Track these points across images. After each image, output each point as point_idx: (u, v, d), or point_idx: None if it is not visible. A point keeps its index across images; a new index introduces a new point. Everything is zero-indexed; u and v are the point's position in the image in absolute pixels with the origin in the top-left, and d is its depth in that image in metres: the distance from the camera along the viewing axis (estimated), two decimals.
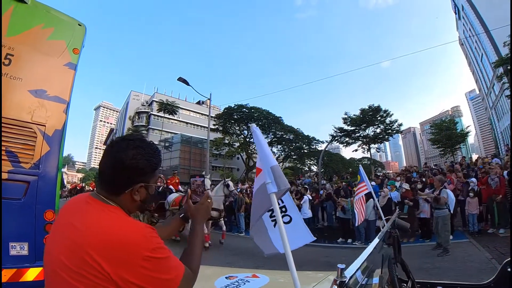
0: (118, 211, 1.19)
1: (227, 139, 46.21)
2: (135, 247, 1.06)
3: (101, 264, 1.01)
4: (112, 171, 1.21)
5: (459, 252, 7.85)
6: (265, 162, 1.85)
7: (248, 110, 42.87)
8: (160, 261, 1.10)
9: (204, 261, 1.42)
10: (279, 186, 1.72)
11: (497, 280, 2.05)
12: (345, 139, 39.91)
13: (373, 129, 38.43)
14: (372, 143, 39.27)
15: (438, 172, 13.65)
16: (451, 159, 34.86)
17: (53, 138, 4.08)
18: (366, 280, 1.76)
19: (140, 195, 1.26)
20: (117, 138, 1.30)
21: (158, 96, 59.26)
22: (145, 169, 1.24)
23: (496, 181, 9.51)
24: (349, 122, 38.61)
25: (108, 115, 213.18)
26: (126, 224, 1.13)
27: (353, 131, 39.06)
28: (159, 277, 1.09)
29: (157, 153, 1.31)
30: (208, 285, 2.26)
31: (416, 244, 9.50)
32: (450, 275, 6.20)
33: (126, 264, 1.04)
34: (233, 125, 44.40)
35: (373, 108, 37.16)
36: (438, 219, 8.00)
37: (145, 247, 1.07)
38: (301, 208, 11.55)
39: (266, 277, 2.31)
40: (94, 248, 1.03)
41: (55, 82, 4.25)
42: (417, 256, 7.96)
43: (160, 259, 1.10)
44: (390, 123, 37.79)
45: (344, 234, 10.98)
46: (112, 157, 1.22)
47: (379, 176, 16.80)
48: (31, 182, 3.74)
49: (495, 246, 7.89)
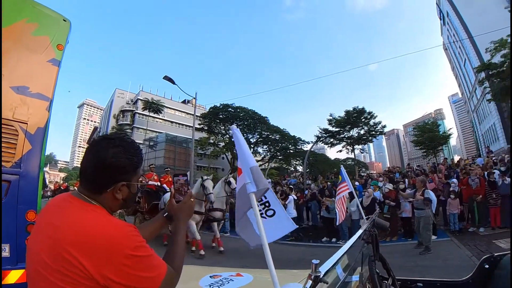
0: (100, 210, 1.19)
1: (212, 139, 45.97)
2: (116, 245, 1.06)
3: (82, 263, 1.01)
4: (94, 170, 1.21)
5: (440, 250, 8.04)
6: (245, 162, 1.90)
7: (234, 109, 42.71)
8: (142, 259, 1.10)
9: (188, 260, 1.42)
10: (258, 186, 1.75)
11: (475, 277, 2.13)
12: (330, 140, 40.38)
13: (357, 130, 38.96)
14: (356, 144, 39.86)
15: (421, 173, 13.91)
16: (434, 160, 35.53)
17: (35, 136, 3.98)
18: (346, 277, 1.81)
19: (122, 193, 1.26)
20: (99, 136, 1.31)
21: (143, 95, 58.74)
22: (126, 167, 1.25)
23: (476, 181, 9.81)
24: (334, 123, 39.05)
25: (92, 113, 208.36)
26: (108, 223, 1.13)
27: (338, 132, 39.52)
28: (141, 275, 1.09)
29: (138, 152, 1.31)
30: (192, 284, 2.27)
31: (398, 243, 9.69)
32: (432, 272, 6.35)
33: (108, 263, 1.04)
34: (219, 124, 44.14)
35: (358, 110, 37.61)
36: (420, 219, 8.17)
37: (127, 246, 1.08)
38: (286, 207, 11.59)
39: (250, 275, 2.33)
40: (75, 247, 1.03)
41: (38, 78, 4.15)
42: (400, 254, 8.12)
43: (142, 257, 1.11)
44: (374, 124, 38.39)
45: (328, 233, 11.13)
46: (93, 155, 1.22)
47: (363, 177, 17.07)
48: (12, 181, 3.63)
49: (475, 244, 8.14)
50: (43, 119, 4.12)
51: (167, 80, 20.60)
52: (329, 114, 39.36)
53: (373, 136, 39.68)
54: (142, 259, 1.11)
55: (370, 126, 38.38)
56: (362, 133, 38.94)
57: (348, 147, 40.14)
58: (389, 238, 9.89)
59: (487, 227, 9.52)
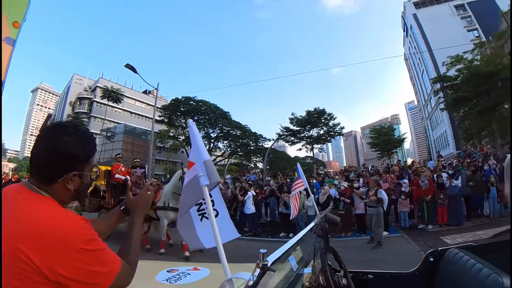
0: (51, 201, 1.15)
1: (172, 132, 45.06)
2: (66, 238, 1.03)
3: (30, 257, 0.97)
4: (45, 158, 1.16)
5: (392, 245, 8.47)
6: (199, 156, 1.93)
7: (196, 103, 42.00)
8: (94, 253, 1.08)
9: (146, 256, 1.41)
10: (210, 179, 1.80)
11: (421, 269, 2.32)
12: (291, 138, 40.80)
13: (317, 130, 39.59)
14: (315, 143, 40.51)
15: (375, 173, 14.47)
16: (388, 161, 37.00)
17: None
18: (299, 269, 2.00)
19: (74, 184, 1.22)
20: (50, 124, 1.26)
21: (103, 82, 56.46)
22: (79, 156, 1.21)
23: (426, 183, 10.50)
24: (295, 122, 39.49)
25: (46, 99, 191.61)
26: (58, 215, 1.10)
27: (298, 131, 39.99)
28: (94, 270, 1.07)
29: (91, 140, 1.28)
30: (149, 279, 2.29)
31: (352, 238, 10.10)
32: (383, 266, 6.65)
33: (57, 256, 1.00)
34: (179, 117, 43.17)
35: (318, 111, 38.22)
36: (372, 216, 8.57)
37: (78, 239, 1.05)
38: (245, 203, 11.69)
39: (207, 269, 2.37)
40: (24, 241, 0.99)
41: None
42: (354, 249, 8.52)
43: (94, 251, 1.08)
44: (333, 125, 39.15)
45: (286, 229, 11.30)
46: (45, 143, 1.17)
47: (321, 175, 17.47)
48: None
49: (424, 240, 8.70)
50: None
51: (129, 69, 20.01)
52: (291, 113, 39.75)
53: (331, 137, 40.51)
54: (94, 253, 1.08)
55: (329, 127, 39.14)
56: (321, 133, 39.64)
57: (307, 146, 40.71)
58: (344, 234, 10.32)
59: (435, 224, 10.28)
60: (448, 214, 10.14)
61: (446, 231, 9.43)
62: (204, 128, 43.99)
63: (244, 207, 11.83)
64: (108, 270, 1.12)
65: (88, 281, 1.06)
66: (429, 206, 10.35)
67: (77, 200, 1.40)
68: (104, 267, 1.10)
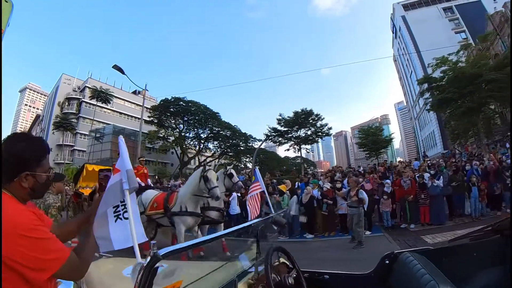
0: (7, 198, 1.33)
1: (161, 133, 45.10)
2: (12, 227, 1.20)
3: None
4: (3, 162, 1.34)
5: (373, 244, 8.57)
6: (123, 165, 2.23)
7: (186, 103, 42.13)
8: (36, 240, 1.23)
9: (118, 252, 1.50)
10: (130, 184, 2.09)
11: (377, 271, 2.35)
12: (279, 139, 41.09)
13: (304, 131, 40.00)
14: (303, 144, 40.88)
15: (359, 173, 14.61)
16: (376, 161, 37.34)
17: None
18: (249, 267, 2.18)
19: (28, 183, 1.41)
20: (11, 134, 1.48)
21: (92, 82, 55.60)
22: (29, 159, 1.41)
23: (408, 183, 10.60)
24: (283, 123, 39.80)
25: (34, 99, 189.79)
26: (8, 208, 1.25)
27: (286, 131, 40.34)
28: (36, 256, 1.21)
29: (41, 147, 1.49)
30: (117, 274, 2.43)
31: (335, 238, 10.18)
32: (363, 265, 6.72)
33: (6, 243, 1.16)
34: (169, 118, 43.40)
35: (306, 111, 38.60)
36: (353, 216, 8.64)
37: (21, 227, 1.22)
38: (230, 204, 11.72)
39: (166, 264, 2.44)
40: None
41: None
42: (336, 248, 8.68)
43: (37, 239, 1.24)
44: (320, 126, 39.64)
45: None
46: (3, 149, 1.36)
47: (307, 175, 17.60)
48: None
49: (405, 239, 8.82)
50: None
51: (117, 70, 19.91)
52: (279, 114, 40.10)
53: (319, 137, 41.04)
54: (36, 241, 1.23)
55: (317, 128, 39.59)
56: (309, 133, 40.08)
57: (295, 146, 41.06)
58: (328, 233, 10.43)
59: (417, 224, 10.38)
60: (430, 213, 10.25)
61: (428, 230, 9.54)
62: (194, 128, 44.08)
63: (229, 208, 11.85)
64: (51, 258, 1.26)
65: (32, 266, 1.21)
66: (411, 206, 10.47)
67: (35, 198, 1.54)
68: (46, 255, 1.24)
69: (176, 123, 43.95)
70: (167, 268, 1.24)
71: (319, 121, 39.28)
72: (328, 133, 41.16)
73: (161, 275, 1.19)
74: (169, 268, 1.27)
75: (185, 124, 44.18)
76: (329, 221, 10.59)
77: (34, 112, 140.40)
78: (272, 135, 40.92)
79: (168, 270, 1.23)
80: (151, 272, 1.13)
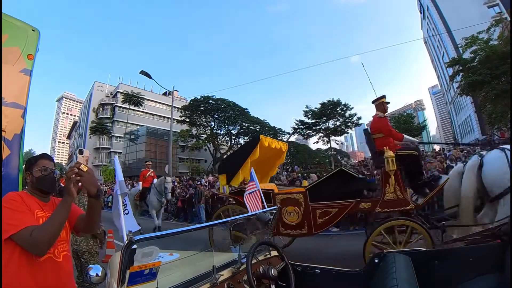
0: (23, 192, 2.03)
1: (194, 131, 46.10)
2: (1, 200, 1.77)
3: None
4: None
5: None
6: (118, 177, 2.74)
7: (215, 101, 42.71)
8: (5, 210, 1.71)
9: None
10: (122, 190, 2.54)
11: (366, 269, 2.41)
12: (307, 132, 41.00)
13: (333, 122, 39.61)
14: (333, 135, 40.55)
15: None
16: None
17: (13, 142, 4.32)
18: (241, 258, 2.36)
19: (29, 178, 2.02)
20: None
21: (123, 87, 57.55)
22: (25, 166, 2.13)
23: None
24: (310, 115, 39.62)
25: (71, 107, 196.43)
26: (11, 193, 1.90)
27: (314, 123, 40.16)
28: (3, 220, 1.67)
29: (30, 159, 2.10)
30: None
31: (361, 231, 10.10)
32: None
33: None
34: (200, 116, 44.22)
35: (333, 102, 38.23)
36: None
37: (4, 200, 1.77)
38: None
39: (177, 254, 2.79)
40: None
41: (11, 88, 4.44)
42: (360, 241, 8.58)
43: (6, 208, 1.72)
44: (349, 116, 39.13)
45: None
46: None
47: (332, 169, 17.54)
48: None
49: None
50: (19, 126, 4.45)
51: (144, 75, 20.66)
52: (306, 106, 40.10)
53: (349, 128, 40.55)
54: (4, 209, 1.71)
55: (346, 118, 39.09)
56: (338, 124, 39.65)
57: (324, 138, 40.84)
58: (353, 227, 10.37)
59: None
60: None
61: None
62: (224, 125, 44.59)
63: None
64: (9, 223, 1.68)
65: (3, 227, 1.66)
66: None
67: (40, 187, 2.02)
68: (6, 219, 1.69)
69: (207, 121, 44.71)
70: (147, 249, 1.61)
71: (347, 111, 38.87)
72: (358, 123, 40.45)
73: (140, 255, 1.53)
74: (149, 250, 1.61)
75: (216, 122, 44.82)
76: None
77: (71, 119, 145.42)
78: (300, 128, 40.90)
79: (148, 251, 1.59)
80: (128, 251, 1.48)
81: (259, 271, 2.18)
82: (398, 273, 1.92)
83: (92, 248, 4.13)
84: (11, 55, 4.60)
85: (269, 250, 2.69)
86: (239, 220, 2.51)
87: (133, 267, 1.52)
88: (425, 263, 2.19)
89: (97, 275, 1.84)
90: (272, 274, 2.16)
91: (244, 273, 2.20)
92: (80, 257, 4.04)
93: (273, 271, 2.18)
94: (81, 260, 4.04)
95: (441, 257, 2.27)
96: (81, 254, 4.05)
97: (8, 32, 4.62)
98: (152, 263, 1.60)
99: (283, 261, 2.50)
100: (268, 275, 2.15)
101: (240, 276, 2.25)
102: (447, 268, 2.18)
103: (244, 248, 2.48)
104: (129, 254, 1.49)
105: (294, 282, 2.31)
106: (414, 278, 1.91)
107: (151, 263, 1.59)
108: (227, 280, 2.17)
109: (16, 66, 4.62)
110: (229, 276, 2.23)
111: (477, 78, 22.14)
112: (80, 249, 4.04)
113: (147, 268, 1.59)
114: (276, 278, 2.20)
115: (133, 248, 1.49)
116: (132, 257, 1.51)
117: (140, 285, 1.59)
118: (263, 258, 2.56)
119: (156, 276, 1.67)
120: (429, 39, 58.65)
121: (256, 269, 2.20)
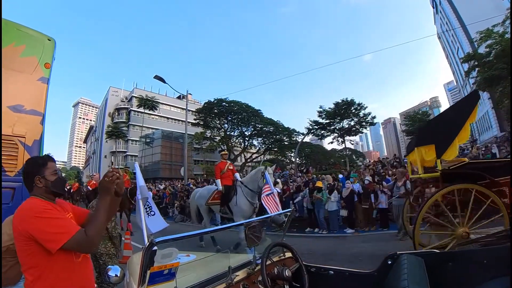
0: (32, 199, 1.90)
1: (208, 133, 46.38)
2: (28, 211, 1.77)
3: (18, 227, 1.72)
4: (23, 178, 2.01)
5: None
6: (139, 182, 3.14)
7: (228, 104, 42.90)
8: (45, 220, 1.73)
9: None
10: (142, 195, 2.81)
11: (379, 270, 2.41)
12: (321, 132, 40.75)
13: (347, 121, 39.28)
14: (347, 135, 40.26)
15: (399, 164, 14.23)
16: None
17: (33, 147, 4.50)
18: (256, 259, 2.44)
19: (42, 183, 1.94)
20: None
21: (138, 92, 58.04)
22: (33, 170, 1.96)
23: None
24: (324, 115, 39.38)
25: (87, 112, 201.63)
26: (29, 202, 1.86)
27: (328, 124, 39.87)
28: (47, 230, 1.70)
29: (36, 161, 2.05)
30: None
31: (376, 232, 10.07)
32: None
33: (24, 222, 1.72)
34: (214, 119, 44.55)
35: (346, 101, 37.92)
36: (398, 207, 8.51)
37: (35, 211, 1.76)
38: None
39: (194, 255, 2.87)
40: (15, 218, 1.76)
41: (30, 96, 4.63)
42: (374, 243, 8.50)
43: (45, 218, 1.73)
44: (363, 116, 38.73)
45: (312, 224, 11.42)
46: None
47: (346, 169, 17.46)
48: (16, 188, 4.14)
49: None
50: (38, 132, 4.65)
51: (158, 80, 20.93)
52: (319, 106, 39.87)
53: (363, 127, 40.21)
54: (45, 220, 1.73)
55: (360, 117, 38.73)
56: (352, 124, 39.35)
57: (338, 138, 40.57)
58: (368, 228, 10.29)
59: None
60: None
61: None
62: (238, 127, 44.74)
63: None
64: (59, 232, 1.72)
65: (46, 238, 1.69)
66: None
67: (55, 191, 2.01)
68: (55, 230, 1.72)
69: (221, 123, 44.99)
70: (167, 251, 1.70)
71: (361, 110, 38.43)
72: (372, 122, 40.12)
73: (160, 256, 1.61)
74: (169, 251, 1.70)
75: (230, 124, 44.98)
76: (370, 215, 10.51)
77: (87, 124, 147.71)
78: (314, 128, 40.74)
79: (167, 252, 1.67)
80: (149, 252, 1.56)
81: (273, 272, 2.25)
82: (410, 275, 1.92)
83: (109, 250, 4.24)
84: (29, 64, 4.79)
85: (284, 251, 2.76)
86: (254, 223, 2.56)
87: (153, 267, 1.62)
88: (438, 265, 2.18)
89: (116, 275, 1.98)
90: (286, 275, 2.23)
91: (259, 274, 2.27)
92: (98, 259, 4.14)
93: (287, 272, 2.25)
94: (99, 262, 4.15)
95: (454, 258, 2.22)
96: (99, 256, 4.15)
97: (25, 43, 4.80)
98: (171, 264, 1.70)
99: (297, 262, 2.57)
100: (282, 276, 2.22)
101: (255, 277, 2.33)
102: (460, 270, 2.13)
103: (259, 249, 2.54)
104: (149, 255, 1.58)
105: (308, 283, 2.38)
106: (425, 280, 1.92)
107: (170, 263, 1.69)
108: (242, 281, 2.25)
109: (34, 75, 4.82)
110: (244, 276, 2.30)
111: (494, 73, 21.71)
112: (98, 251, 4.14)
113: (167, 268, 1.69)
114: (290, 279, 2.27)
115: (153, 249, 1.58)
116: (153, 258, 1.59)
117: (159, 284, 1.68)
118: (277, 259, 2.62)
119: (175, 276, 1.77)
120: (443, 34, 57.59)
121: (271, 270, 2.26)
